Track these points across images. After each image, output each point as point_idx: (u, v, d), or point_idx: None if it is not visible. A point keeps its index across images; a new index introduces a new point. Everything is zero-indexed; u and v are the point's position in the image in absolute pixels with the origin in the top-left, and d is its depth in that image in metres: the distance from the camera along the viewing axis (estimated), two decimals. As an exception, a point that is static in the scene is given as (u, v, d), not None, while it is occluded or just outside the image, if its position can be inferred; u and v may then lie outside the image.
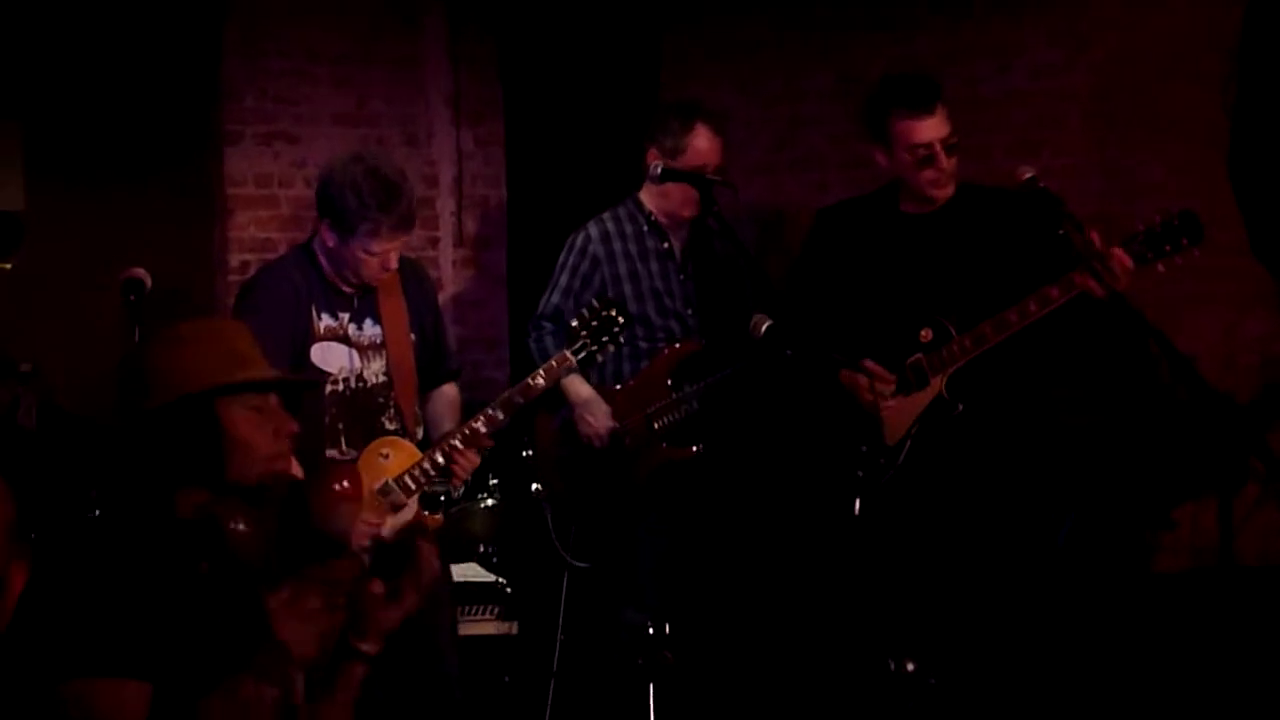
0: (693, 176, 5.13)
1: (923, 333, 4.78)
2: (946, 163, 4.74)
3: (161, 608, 2.88)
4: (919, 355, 4.77)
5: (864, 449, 4.86)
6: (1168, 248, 4.42)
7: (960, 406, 4.75)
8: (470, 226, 7.42)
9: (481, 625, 5.76)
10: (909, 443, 4.81)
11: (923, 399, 4.79)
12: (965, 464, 4.78)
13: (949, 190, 4.81)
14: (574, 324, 4.80)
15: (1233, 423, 5.32)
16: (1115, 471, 5.58)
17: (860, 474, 4.82)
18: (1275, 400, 5.43)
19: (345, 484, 3.03)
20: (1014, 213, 4.73)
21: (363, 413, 4.64)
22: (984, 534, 4.78)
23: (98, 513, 5.21)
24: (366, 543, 4.18)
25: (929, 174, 4.76)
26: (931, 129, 4.73)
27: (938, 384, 4.76)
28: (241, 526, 2.96)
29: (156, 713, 2.85)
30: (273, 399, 3.11)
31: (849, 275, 4.95)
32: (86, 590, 2.86)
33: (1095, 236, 4.45)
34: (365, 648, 3.01)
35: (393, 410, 4.69)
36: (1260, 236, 5.37)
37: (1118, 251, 4.43)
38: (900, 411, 4.81)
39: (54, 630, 2.84)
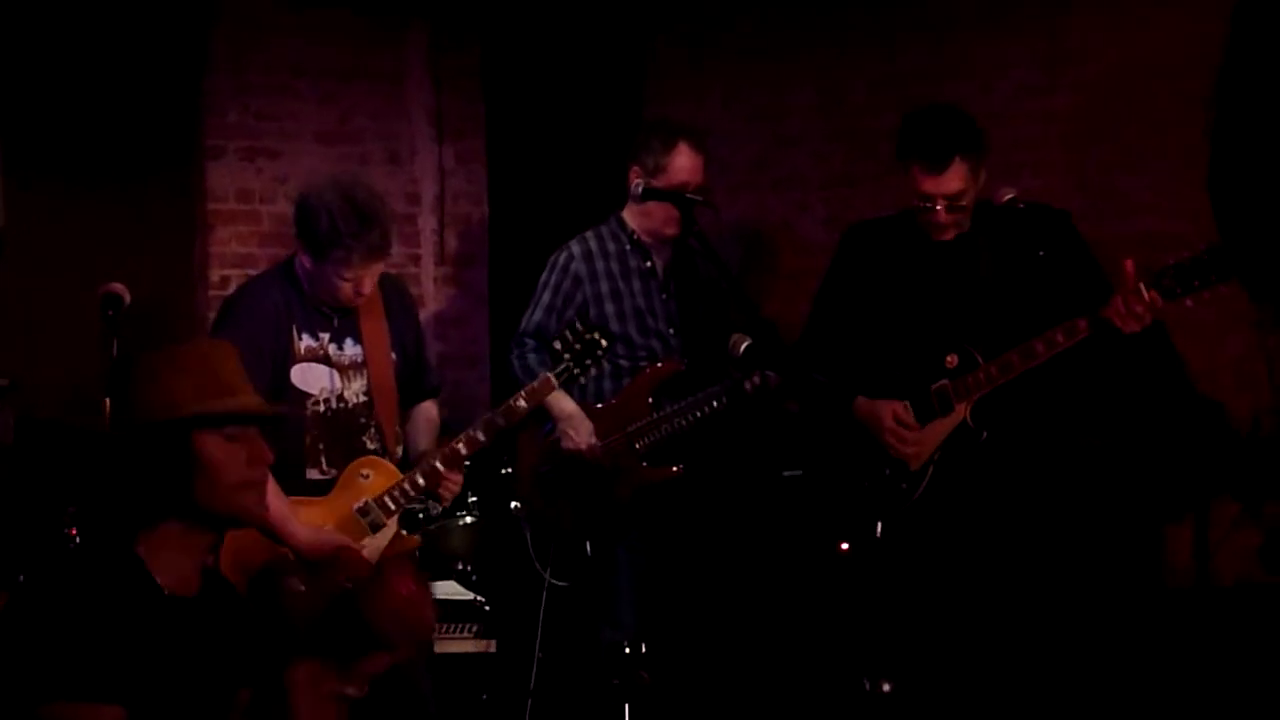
0: (674, 195, 5.13)
1: (949, 359, 4.76)
2: (945, 218, 4.73)
3: (136, 634, 2.88)
4: (945, 382, 4.76)
5: (887, 472, 4.85)
6: (1197, 283, 4.41)
7: (985, 434, 4.74)
8: (452, 244, 7.41)
9: (460, 643, 5.75)
10: (932, 469, 4.80)
11: (947, 425, 4.78)
12: (988, 491, 4.77)
13: (946, 237, 4.79)
14: (557, 346, 4.79)
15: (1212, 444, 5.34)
16: (1134, 483, 5.56)
17: (882, 497, 4.81)
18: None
19: (411, 587, 3.00)
20: (1041, 235, 4.71)
21: (343, 433, 4.63)
22: (1004, 561, 4.76)
23: (75, 534, 5.19)
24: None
25: (927, 218, 4.75)
26: (938, 185, 4.70)
27: (962, 410, 4.75)
28: (300, 587, 2.96)
29: None
30: (252, 427, 3.10)
31: (873, 294, 4.94)
32: (62, 615, 2.86)
33: (1129, 266, 4.45)
34: (350, 692, 3.01)
35: (374, 430, 4.69)
36: (1239, 256, 5.37)
37: (1153, 295, 4.41)
38: (924, 437, 4.80)
39: (30, 654, 2.84)
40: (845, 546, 5.12)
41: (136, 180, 6.86)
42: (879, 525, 4.74)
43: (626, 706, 4.78)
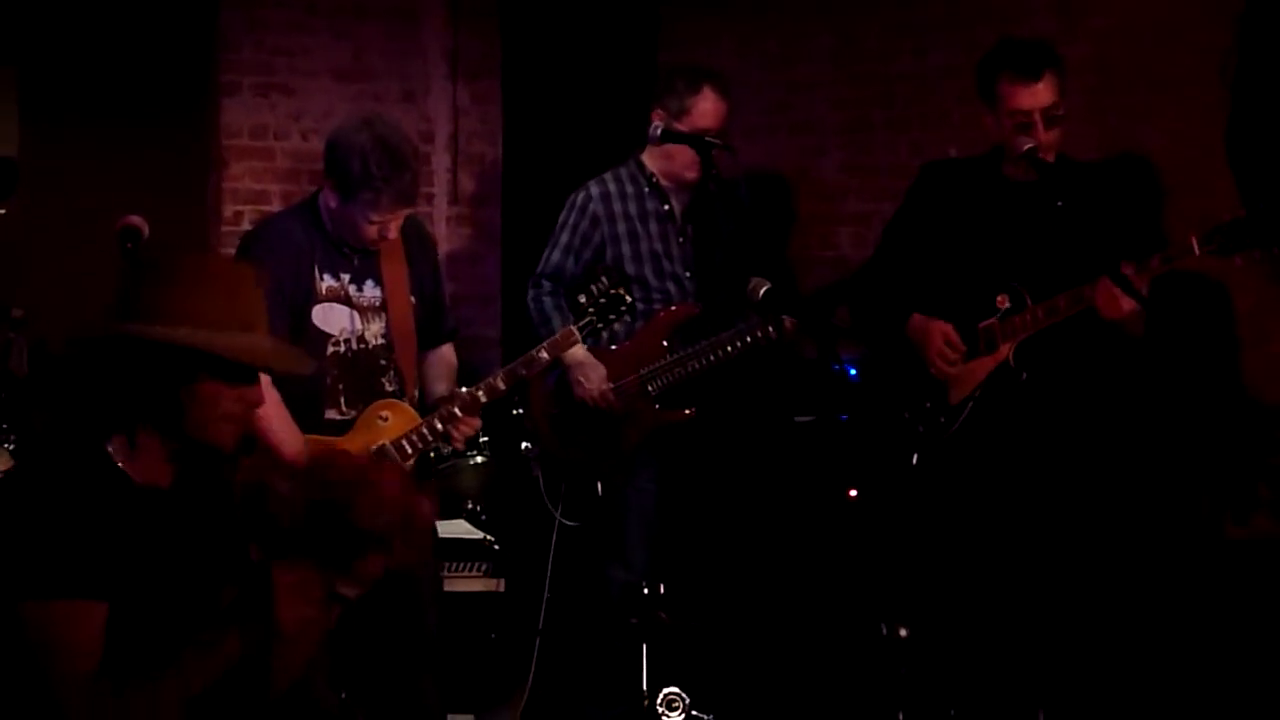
0: (692, 138, 5.13)
1: (999, 299, 4.77)
2: (1045, 134, 4.70)
3: (113, 527, 2.89)
4: (992, 320, 4.77)
5: (928, 405, 4.87)
6: (1249, 241, 4.40)
7: (1025, 375, 4.76)
8: (465, 184, 7.40)
9: (469, 582, 5.77)
10: (971, 405, 4.82)
11: (989, 363, 4.79)
12: (1025, 432, 4.78)
13: (1046, 159, 4.77)
14: (581, 299, 4.79)
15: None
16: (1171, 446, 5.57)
17: (920, 429, 4.84)
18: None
19: (393, 482, 3.01)
20: (1114, 187, 4.71)
21: (363, 374, 4.63)
22: (1033, 503, 4.78)
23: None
24: None
25: (1027, 140, 4.72)
26: (1033, 96, 4.68)
27: (1006, 350, 4.76)
28: (284, 488, 2.97)
29: (113, 633, 2.87)
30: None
31: (942, 231, 4.93)
32: (36, 512, 2.87)
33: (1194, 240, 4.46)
34: (345, 591, 3.02)
35: (393, 372, 4.69)
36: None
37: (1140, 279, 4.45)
38: (967, 372, 4.82)
39: (9, 554, 2.85)
40: (854, 494, 5.15)
41: (151, 115, 6.86)
42: (915, 456, 4.76)
43: (644, 647, 4.81)
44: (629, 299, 4.79)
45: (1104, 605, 5.02)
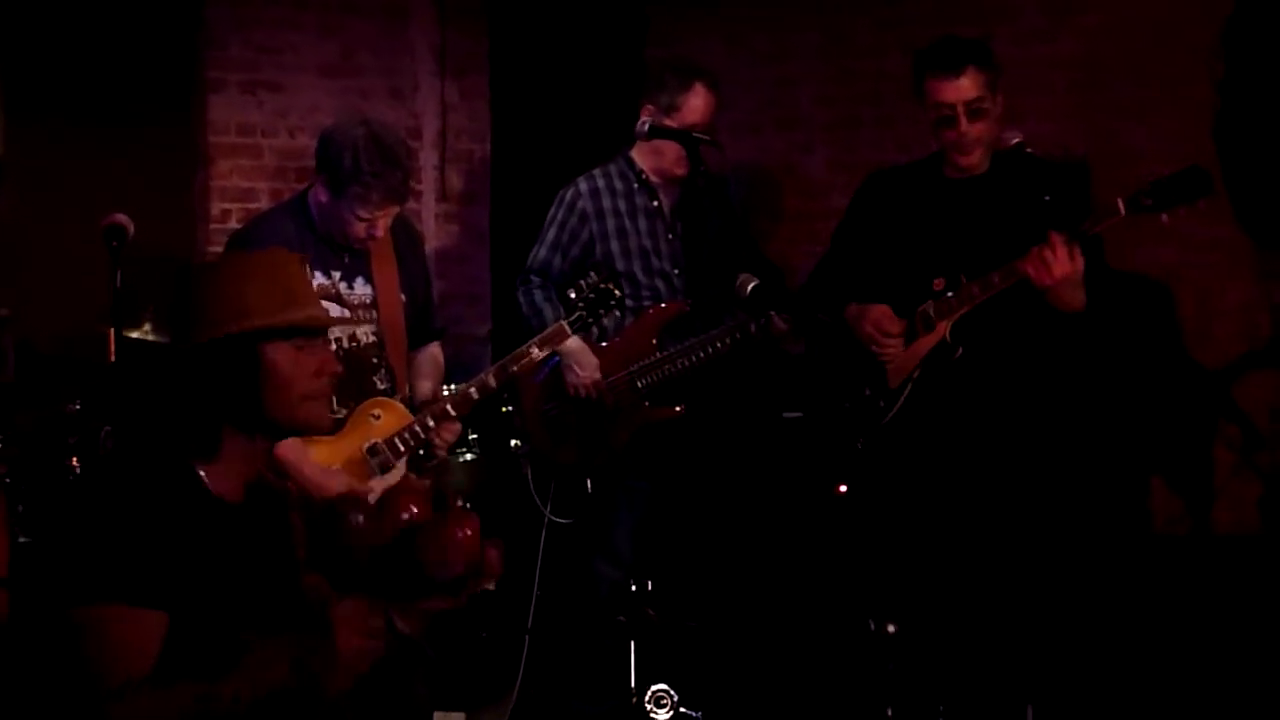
0: (680, 134, 5.13)
1: (936, 281, 4.79)
2: (967, 126, 4.73)
3: (183, 542, 2.89)
4: (929, 302, 4.79)
5: (867, 392, 4.88)
6: (1174, 199, 4.44)
7: (960, 350, 4.76)
8: (453, 181, 7.39)
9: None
10: (910, 386, 4.83)
11: (927, 343, 4.81)
12: (963, 409, 4.79)
13: (972, 158, 4.79)
14: (571, 294, 4.80)
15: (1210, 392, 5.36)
16: (1120, 431, 5.60)
17: (860, 416, 4.85)
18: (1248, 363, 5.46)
19: (468, 533, 3.01)
20: (1054, 184, 4.73)
21: (355, 372, 4.63)
22: (971, 481, 4.79)
23: (75, 464, 5.21)
24: None
25: (949, 135, 4.76)
26: (955, 91, 4.72)
27: (943, 328, 4.78)
28: (361, 520, 2.98)
29: (172, 645, 2.87)
30: (319, 338, 3.13)
31: (884, 233, 4.96)
32: (106, 520, 2.87)
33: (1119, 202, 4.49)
34: (402, 626, 3.03)
35: (384, 370, 4.70)
36: (1245, 203, 5.38)
37: (1071, 249, 4.47)
38: (905, 355, 4.83)
39: (73, 557, 2.86)
40: (844, 489, 5.15)
41: (137, 113, 6.83)
42: (859, 442, 4.78)
43: (633, 644, 4.81)
44: (618, 293, 4.80)
45: (1061, 588, 5.05)
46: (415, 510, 3.01)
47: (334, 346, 4.59)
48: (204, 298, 3.02)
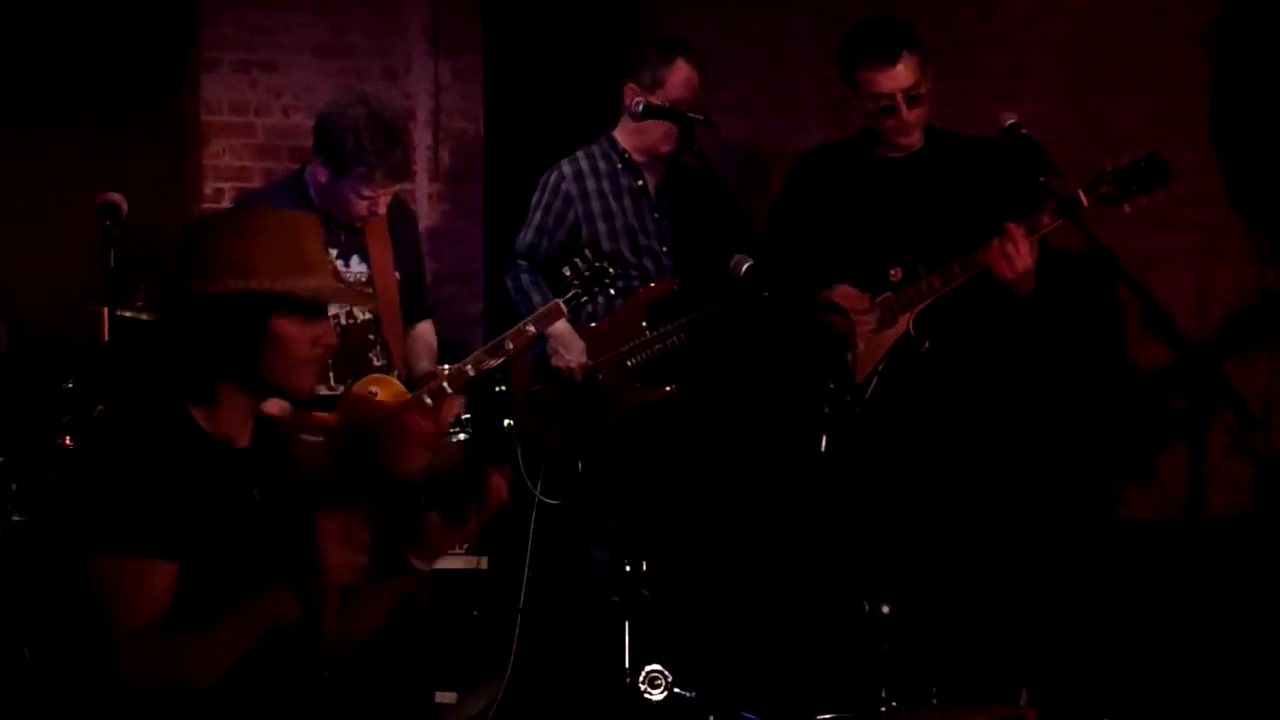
0: (675, 114, 5.12)
1: (892, 272, 4.80)
2: (908, 113, 4.75)
3: (186, 487, 2.93)
4: (888, 294, 4.79)
5: (831, 386, 4.87)
6: (1134, 187, 4.46)
7: (926, 344, 4.77)
8: (446, 160, 7.38)
9: (450, 560, 5.75)
10: (875, 379, 4.83)
11: (890, 336, 4.83)
12: (930, 401, 4.81)
13: (912, 139, 4.82)
14: (566, 273, 4.81)
15: (1203, 372, 5.36)
16: (1084, 418, 5.62)
17: (826, 410, 4.85)
18: (1237, 335, 5.46)
19: (421, 424, 3.02)
20: (990, 159, 4.75)
21: (352, 349, 4.65)
22: (948, 471, 4.81)
23: (68, 443, 5.20)
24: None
25: (890, 123, 4.79)
26: (892, 80, 4.73)
27: (905, 322, 4.79)
28: (313, 439, 2.99)
29: (182, 590, 2.90)
30: (324, 307, 3.15)
31: (825, 218, 4.97)
32: (115, 468, 2.90)
33: (1080, 192, 4.51)
34: (419, 564, 3.05)
35: (380, 347, 4.71)
36: (1238, 186, 5.38)
37: (1030, 241, 4.49)
38: (868, 349, 4.83)
39: (82, 508, 2.89)
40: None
41: (130, 92, 6.79)
42: (824, 439, 4.79)
43: (627, 624, 4.82)
44: (613, 271, 4.81)
45: (1053, 571, 5.08)
46: (368, 415, 3.02)
47: (332, 322, 4.60)
48: (220, 245, 3.04)
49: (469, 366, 4.70)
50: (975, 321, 4.76)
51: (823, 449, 4.76)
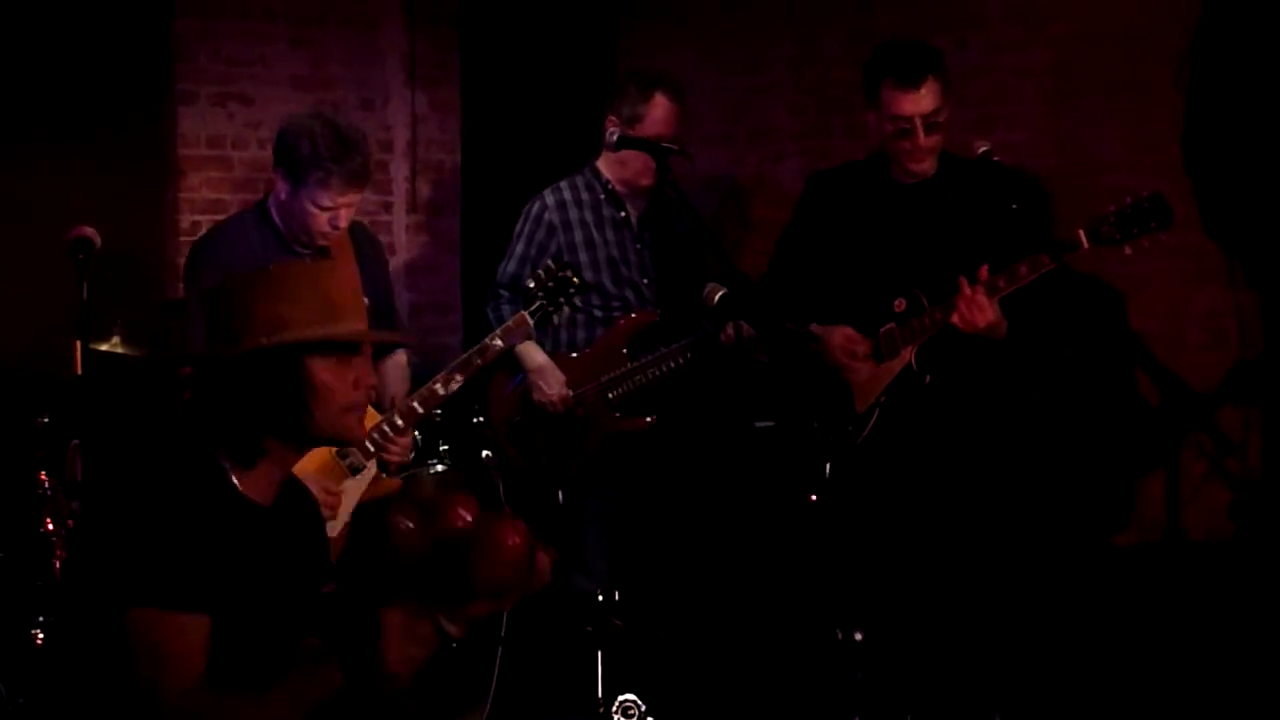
0: (649, 145, 5.10)
1: (896, 302, 4.79)
2: (924, 139, 4.73)
3: (222, 542, 2.91)
4: (891, 325, 4.79)
5: (833, 414, 4.87)
6: (1135, 230, 4.44)
7: (928, 378, 4.76)
8: (424, 191, 7.38)
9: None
10: (877, 411, 4.82)
11: (893, 368, 4.81)
12: (931, 435, 4.79)
13: (924, 165, 4.80)
14: (530, 284, 4.82)
15: (1180, 400, 5.37)
16: (1073, 446, 5.62)
17: (830, 439, 4.84)
18: (1230, 383, 5.46)
19: (518, 541, 2.98)
20: (1001, 189, 4.73)
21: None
22: (947, 505, 4.79)
23: (44, 479, 5.18)
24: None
25: (905, 145, 4.76)
26: (914, 103, 4.71)
27: (908, 354, 4.78)
28: (410, 525, 2.96)
29: (217, 646, 2.88)
30: (360, 348, 3.13)
31: (834, 239, 4.95)
32: (152, 521, 2.88)
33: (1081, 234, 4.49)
34: (449, 629, 3.01)
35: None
36: (1212, 213, 5.39)
37: (991, 301, 4.50)
38: (870, 380, 4.82)
39: (119, 561, 2.87)
40: (815, 498, 5.14)
41: (106, 125, 6.79)
42: (827, 467, 4.78)
43: (599, 653, 4.79)
44: (576, 280, 4.82)
45: (1029, 596, 5.07)
46: (467, 517, 2.98)
47: None
48: (247, 308, 3.03)
49: (438, 385, 4.70)
50: (977, 352, 4.74)
51: (826, 476, 4.77)
